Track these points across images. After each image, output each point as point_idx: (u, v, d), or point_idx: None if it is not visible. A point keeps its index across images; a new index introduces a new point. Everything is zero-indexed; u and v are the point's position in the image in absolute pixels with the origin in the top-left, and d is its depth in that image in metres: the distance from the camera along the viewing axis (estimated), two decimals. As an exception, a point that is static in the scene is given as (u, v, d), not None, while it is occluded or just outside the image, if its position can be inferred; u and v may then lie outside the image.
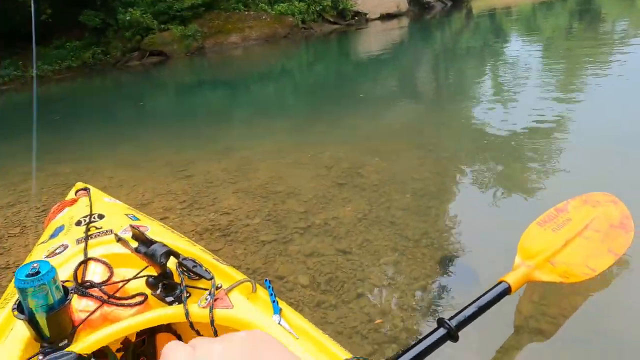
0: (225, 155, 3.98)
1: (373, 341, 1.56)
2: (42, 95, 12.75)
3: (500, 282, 1.38)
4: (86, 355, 0.49)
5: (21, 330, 0.81)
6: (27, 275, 0.72)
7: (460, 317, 1.21)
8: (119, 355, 1.10)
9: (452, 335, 1.15)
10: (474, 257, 1.97)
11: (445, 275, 1.88)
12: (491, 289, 1.35)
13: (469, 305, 1.26)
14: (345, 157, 3.43)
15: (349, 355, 0.85)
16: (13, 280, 0.74)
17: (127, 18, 15.53)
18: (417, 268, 1.92)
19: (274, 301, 0.95)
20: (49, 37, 16.59)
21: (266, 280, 1.03)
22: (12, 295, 0.94)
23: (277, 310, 0.93)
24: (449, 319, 1.18)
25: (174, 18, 16.44)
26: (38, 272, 0.72)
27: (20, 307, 0.75)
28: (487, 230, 2.19)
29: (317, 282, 1.91)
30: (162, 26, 16.25)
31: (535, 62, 6.39)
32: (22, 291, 0.72)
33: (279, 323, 0.90)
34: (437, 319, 1.21)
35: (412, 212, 2.43)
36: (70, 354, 0.47)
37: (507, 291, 1.35)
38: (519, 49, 8.11)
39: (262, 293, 0.99)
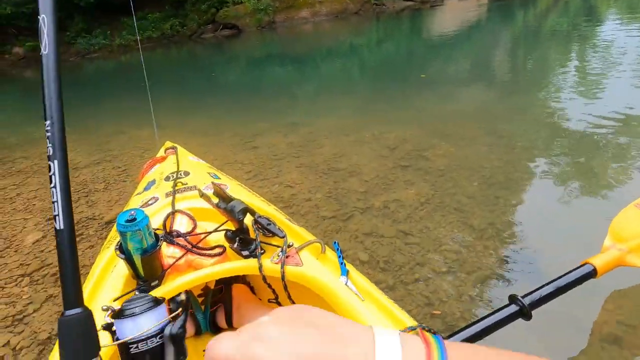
0: (290, 129, 4.05)
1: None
2: (126, 63, 13.69)
3: (584, 264, 1.25)
4: (161, 298, 0.55)
5: (122, 268, 0.93)
6: (126, 221, 0.81)
7: (535, 295, 1.12)
8: (200, 300, 1.21)
9: (524, 313, 1.08)
10: (544, 254, 1.86)
11: (509, 270, 1.81)
12: (573, 269, 1.23)
13: (546, 284, 1.16)
14: (411, 138, 3.35)
15: (414, 323, 0.84)
16: (116, 224, 0.85)
17: (204, -9, 16.04)
18: (481, 258, 1.86)
19: (341, 263, 0.98)
20: (133, 8, 17.62)
21: (335, 242, 1.06)
22: (114, 237, 1.06)
23: (345, 272, 0.95)
24: (522, 297, 1.10)
25: (248, -9, 16.72)
26: (135, 219, 0.81)
27: (121, 248, 0.85)
28: (560, 227, 2.05)
29: (376, 260, 1.92)
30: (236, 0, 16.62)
31: (632, 48, 5.73)
32: (122, 234, 0.82)
33: (345, 284, 0.92)
34: (509, 295, 1.13)
35: (479, 200, 2.33)
36: (147, 296, 0.54)
37: (592, 274, 1.23)
38: (614, 31, 7.31)
39: (331, 255, 1.02)
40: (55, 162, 0.47)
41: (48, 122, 0.49)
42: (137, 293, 0.84)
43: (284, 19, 16.77)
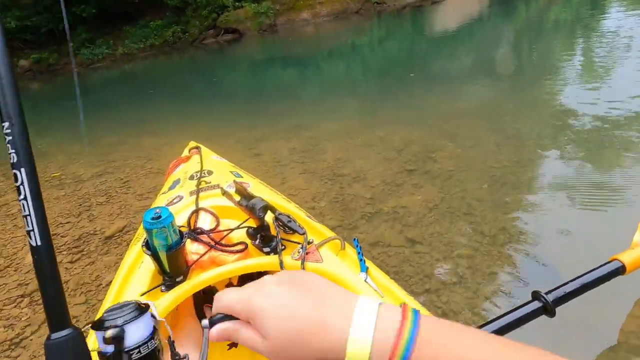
0: (294, 134, 3.98)
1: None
2: (129, 72, 13.72)
3: (612, 260, 1.20)
4: (144, 304, 0.52)
5: (149, 264, 0.97)
6: (152, 219, 0.83)
7: (560, 292, 1.07)
8: None
9: (548, 310, 1.04)
10: (561, 262, 1.78)
11: (524, 279, 1.72)
12: (600, 266, 1.17)
13: (571, 280, 1.11)
14: (416, 139, 3.27)
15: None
16: (142, 221, 0.87)
17: (205, -4, 16.05)
18: (493, 267, 1.78)
19: (361, 260, 0.98)
20: (135, 17, 17.71)
21: (354, 239, 1.06)
22: (142, 234, 1.12)
23: (364, 269, 0.95)
24: (546, 293, 1.06)
25: (248, -5, 16.72)
26: (160, 217, 0.83)
27: (147, 245, 0.88)
28: (579, 231, 1.96)
29: (385, 270, 1.84)
30: (237, 4, 16.61)
31: (639, 37, 5.60)
32: (148, 232, 0.84)
33: (365, 280, 0.91)
34: (532, 291, 1.09)
35: (490, 203, 2.25)
36: (130, 303, 0.50)
37: (619, 270, 1.17)
38: (620, 21, 7.15)
39: (350, 251, 1.03)
40: (22, 170, 0.41)
41: (7, 124, 0.41)
42: (162, 288, 0.90)
43: (284, 22, 16.73)
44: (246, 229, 1.03)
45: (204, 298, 1.15)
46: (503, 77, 5.36)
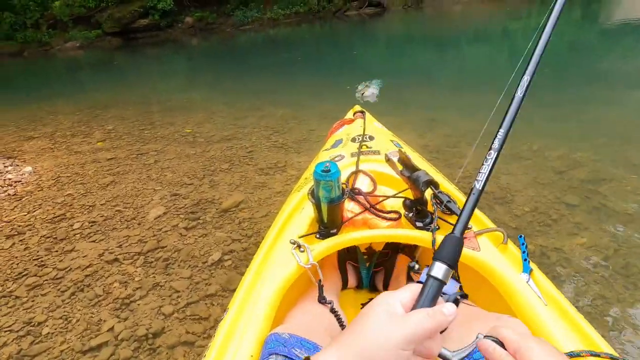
0: (428, 128, 3.59)
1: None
2: (273, 36, 14.33)
3: None
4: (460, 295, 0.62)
5: (308, 211, 1.06)
6: (322, 171, 0.89)
7: None
8: (365, 258, 1.31)
9: None
10: None
11: None
12: None
13: None
14: (584, 162, 2.63)
15: (608, 346, 0.70)
16: (307, 170, 0.97)
17: (355, -34, 15.78)
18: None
19: (525, 259, 0.89)
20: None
21: (520, 236, 0.96)
22: (304, 183, 1.24)
23: (527, 270, 0.86)
24: None
25: (399, -33, 16.00)
26: (329, 171, 0.89)
27: (312, 193, 0.95)
28: None
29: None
30: (386, -24, 16.04)
31: None
32: (316, 182, 0.91)
33: (527, 282, 0.83)
34: None
35: (690, 275, 1.65)
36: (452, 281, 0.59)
37: None
38: None
39: (513, 248, 0.94)
40: (501, 131, 0.66)
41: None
42: (317, 236, 0.98)
43: (433, -2, 15.70)
44: (403, 199, 1.04)
45: (346, 255, 1.22)
46: None
